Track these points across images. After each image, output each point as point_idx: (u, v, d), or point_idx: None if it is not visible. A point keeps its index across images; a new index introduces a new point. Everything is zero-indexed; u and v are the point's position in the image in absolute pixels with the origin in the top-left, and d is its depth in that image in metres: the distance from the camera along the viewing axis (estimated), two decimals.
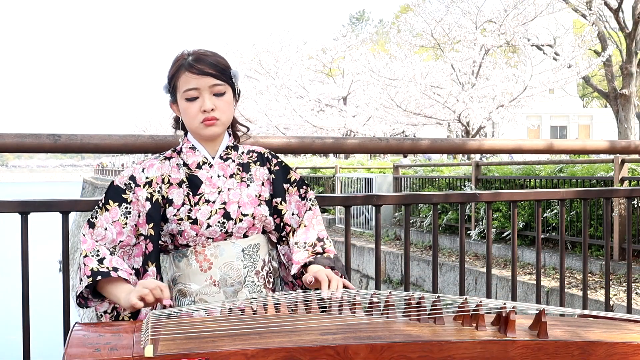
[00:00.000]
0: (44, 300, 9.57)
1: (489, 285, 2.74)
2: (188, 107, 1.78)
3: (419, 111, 19.41)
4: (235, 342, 1.34)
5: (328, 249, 1.89)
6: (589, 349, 1.43)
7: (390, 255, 9.39)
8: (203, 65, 1.77)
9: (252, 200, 1.84)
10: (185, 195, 1.80)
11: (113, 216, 1.77)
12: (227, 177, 1.84)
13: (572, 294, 5.99)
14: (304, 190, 1.94)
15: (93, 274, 1.68)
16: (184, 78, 1.77)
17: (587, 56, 18.90)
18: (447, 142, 2.88)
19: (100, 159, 66.37)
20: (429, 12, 20.24)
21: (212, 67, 1.77)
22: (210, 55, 1.80)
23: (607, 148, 3.17)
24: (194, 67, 1.76)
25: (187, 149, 1.84)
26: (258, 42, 27.60)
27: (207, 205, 1.79)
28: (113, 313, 1.77)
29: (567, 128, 39.93)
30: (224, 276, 1.79)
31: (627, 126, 16.90)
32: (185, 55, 1.80)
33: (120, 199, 1.78)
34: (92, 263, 1.70)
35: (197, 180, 1.81)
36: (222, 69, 1.79)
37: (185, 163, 1.83)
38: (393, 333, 1.41)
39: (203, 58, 1.78)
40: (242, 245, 1.82)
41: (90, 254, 1.72)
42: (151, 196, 1.79)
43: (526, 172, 8.60)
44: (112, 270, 1.69)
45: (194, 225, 1.77)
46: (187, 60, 1.78)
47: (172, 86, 1.82)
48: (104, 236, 1.76)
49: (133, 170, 1.82)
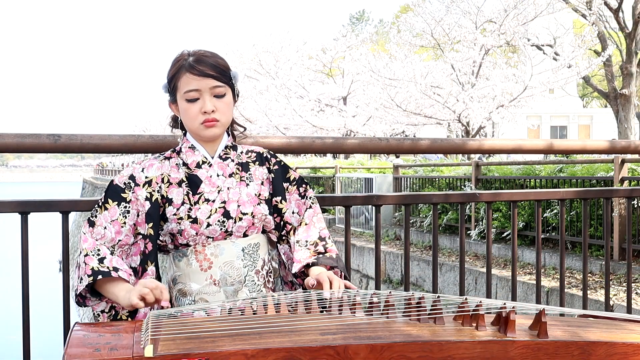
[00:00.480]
0: (44, 300, 9.57)
1: (489, 285, 2.74)
2: (188, 108, 1.79)
3: (419, 111, 19.41)
4: (235, 342, 1.34)
5: (330, 248, 1.89)
6: (589, 349, 1.43)
7: (390, 255, 9.39)
8: (204, 66, 1.77)
9: (251, 199, 1.84)
10: (185, 194, 1.80)
11: (112, 215, 1.77)
12: (226, 177, 1.84)
13: (572, 294, 5.99)
14: (304, 189, 1.95)
15: (94, 273, 1.68)
16: (184, 79, 1.77)
17: (587, 56, 18.89)
18: (447, 142, 2.88)
19: (100, 159, 66.35)
20: (429, 12, 20.24)
21: (213, 69, 1.77)
22: (211, 56, 1.80)
23: (607, 148, 3.17)
24: (194, 69, 1.76)
25: (186, 148, 1.85)
26: (258, 42, 27.60)
27: (206, 205, 1.79)
28: (111, 312, 1.77)
29: (567, 128, 39.93)
30: (224, 275, 1.79)
31: (627, 126, 16.90)
32: (185, 56, 1.80)
33: (119, 198, 1.78)
34: (92, 262, 1.70)
35: (196, 179, 1.82)
36: (223, 70, 1.80)
37: (184, 163, 1.84)
38: (393, 333, 1.41)
39: (204, 59, 1.78)
40: (242, 244, 1.83)
41: (91, 253, 1.73)
42: (151, 196, 1.79)
43: (526, 172, 8.60)
44: (113, 270, 1.69)
45: (193, 224, 1.78)
46: (188, 61, 1.78)
47: (172, 86, 1.82)
48: (104, 235, 1.76)
49: (133, 170, 1.83)
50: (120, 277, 1.69)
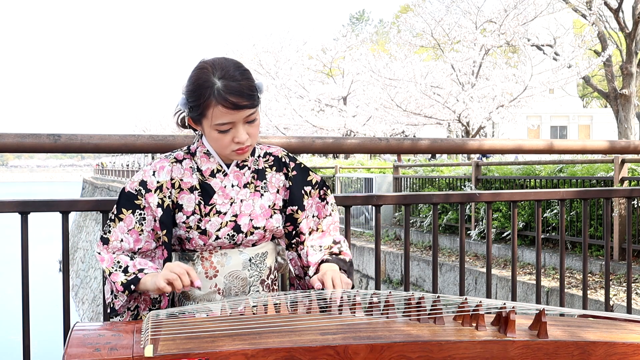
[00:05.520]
0: (44, 300, 9.56)
1: (489, 285, 2.74)
2: (220, 138, 1.67)
3: (419, 111, 19.40)
4: (235, 342, 1.34)
5: (344, 252, 1.86)
6: (589, 349, 1.43)
7: (390, 255, 9.38)
8: (238, 98, 1.61)
9: (264, 212, 1.79)
10: (197, 204, 1.75)
11: (128, 224, 1.73)
12: (240, 187, 1.78)
13: (572, 294, 5.99)
14: (324, 192, 1.89)
15: (125, 287, 1.68)
16: (216, 112, 1.62)
17: (587, 56, 18.89)
18: (447, 142, 2.88)
19: (100, 159, 66.34)
20: (429, 12, 20.23)
21: (248, 98, 1.63)
22: (242, 79, 1.63)
23: (607, 148, 3.17)
24: (228, 102, 1.60)
25: (201, 153, 1.78)
26: (258, 42, 27.59)
27: (217, 217, 1.74)
28: (135, 311, 1.76)
29: (567, 128, 39.92)
30: (229, 285, 1.77)
31: (627, 126, 16.90)
32: (212, 79, 1.62)
33: (133, 206, 1.74)
34: (119, 277, 1.69)
35: (209, 189, 1.76)
36: (255, 94, 1.65)
37: (199, 168, 1.77)
38: (393, 333, 1.41)
39: (237, 88, 1.61)
40: (250, 254, 1.79)
41: (112, 269, 1.70)
42: (162, 202, 1.74)
43: (526, 172, 8.60)
44: (139, 273, 1.68)
45: (202, 236, 1.74)
46: (218, 89, 1.61)
47: (199, 112, 1.66)
48: (120, 247, 1.73)
49: (144, 174, 1.76)
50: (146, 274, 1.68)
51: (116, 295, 1.71)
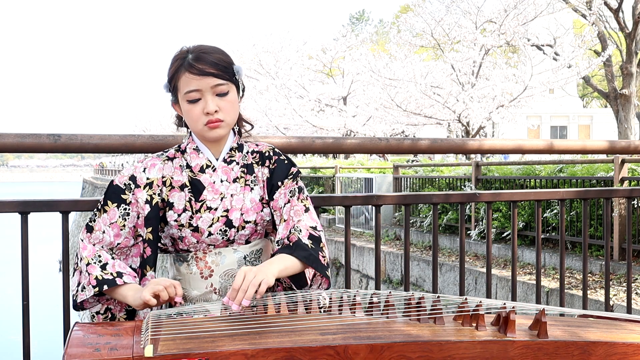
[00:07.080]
0: (44, 300, 9.57)
1: (489, 285, 2.74)
2: (190, 109, 1.70)
3: (419, 111, 19.40)
4: (235, 342, 1.34)
5: (292, 236, 1.71)
6: (589, 349, 1.43)
7: (390, 255, 9.38)
8: (204, 64, 1.67)
9: (255, 206, 1.78)
10: (187, 200, 1.75)
11: (111, 218, 1.73)
12: (230, 182, 1.77)
13: (572, 294, 5.99)
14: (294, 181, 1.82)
15: (99, 283, 1.65)
16: (184, 79, 1.68)
17: (587, 56, 18.89)
18: (447, 142, 2.88)
19: (100, 159, 66.35)
20: (429, 12, 20.23)
21: (214, 66, 1.68)
22: (211, 52, 1.70)
23: (607, 148, 3.16)
24: (194, 67, 1.66)
25: (191, 150, 1.79)
26: (258, 42, 27.59)
27: (208, 213, 1.74)
28: (106, 314, 1.75)
29: (567, 128, 39.92)
30: (225, 284, 1.76)
31: (627, 126, 16.89)
32: (184, 53, 1.70)
33: (119, 200, 1.74)
34: (95, 271, 1.67)
35: (199, 185, 1.76)
36: (225, 66, 1.70)
37: (188, 165, 1.78)
38: (393, 333, 1.41)
39: (203, 56, 1.68)
40: (244, 252, 1.79)
41: (92, 260, 1.69)
42: (151, 199, 1.74)
43: (526, 172, 8.60)
44: (117, 277, 1.66)
45: (195, 233, 1.74)
46: (187, 60, 1.68)
47: (173, 86, 1.73)
48: (102, 239, 1.73)
49: (134, 170, 1.77)
50: (125, 282, 1.66)
51: (84, 287, 1.67)
